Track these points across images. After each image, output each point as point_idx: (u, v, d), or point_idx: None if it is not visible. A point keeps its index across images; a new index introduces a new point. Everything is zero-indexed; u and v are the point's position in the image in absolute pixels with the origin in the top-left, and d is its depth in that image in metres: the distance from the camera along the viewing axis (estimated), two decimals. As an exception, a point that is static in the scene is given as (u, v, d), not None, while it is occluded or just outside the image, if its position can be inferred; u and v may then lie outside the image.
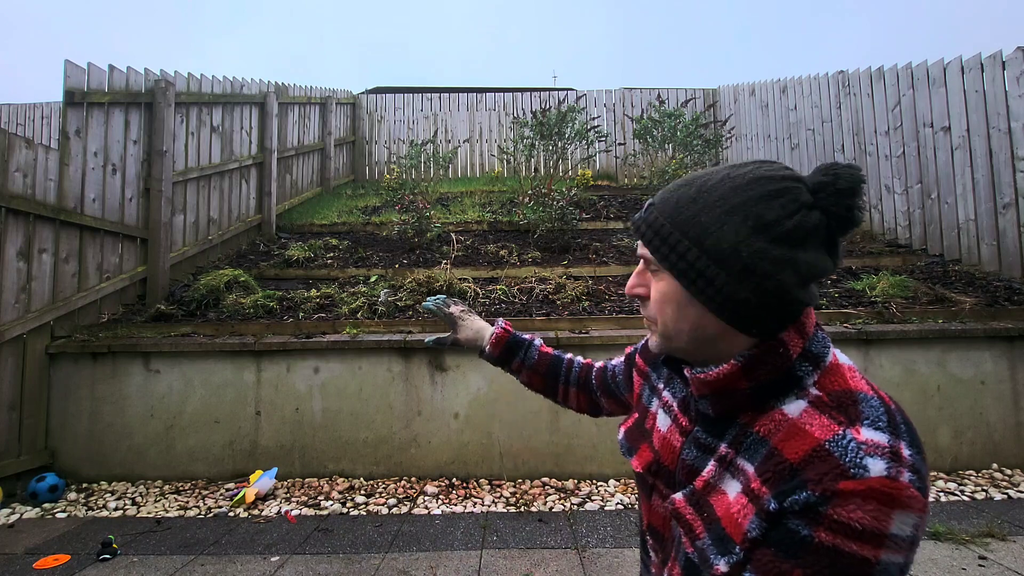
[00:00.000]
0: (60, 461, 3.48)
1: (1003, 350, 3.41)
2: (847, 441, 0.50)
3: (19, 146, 3.41)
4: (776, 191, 0.57)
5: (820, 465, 0.50)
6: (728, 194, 0.59)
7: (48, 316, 3.53)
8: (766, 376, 0.58)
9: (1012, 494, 3.00)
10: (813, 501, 0.48)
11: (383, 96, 9.25)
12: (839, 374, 0.58)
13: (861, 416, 0.52)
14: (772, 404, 0.58)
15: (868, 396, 0.55)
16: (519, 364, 1.12)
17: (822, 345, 0.60)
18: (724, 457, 0.60)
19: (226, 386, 3.52)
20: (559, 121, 6.19)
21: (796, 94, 6.62)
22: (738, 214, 0.57)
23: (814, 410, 0.55)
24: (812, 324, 0.61)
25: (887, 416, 0.52)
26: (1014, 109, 4.10)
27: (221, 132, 5.30)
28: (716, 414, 0.62)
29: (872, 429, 0.51)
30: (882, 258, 4.84)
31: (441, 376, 3.49)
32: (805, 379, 0.58)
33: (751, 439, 0.58)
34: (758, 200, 0.57)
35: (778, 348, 0.58)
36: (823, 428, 0.53)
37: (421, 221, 5.45)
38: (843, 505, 0.47)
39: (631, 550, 2.52)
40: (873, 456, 0.48)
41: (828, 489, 0.48)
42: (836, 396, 0.55)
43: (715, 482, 0.59)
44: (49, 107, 9.44)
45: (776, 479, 0.53)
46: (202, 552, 2.58)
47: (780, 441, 0.55)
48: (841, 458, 0.49)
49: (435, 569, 2.39)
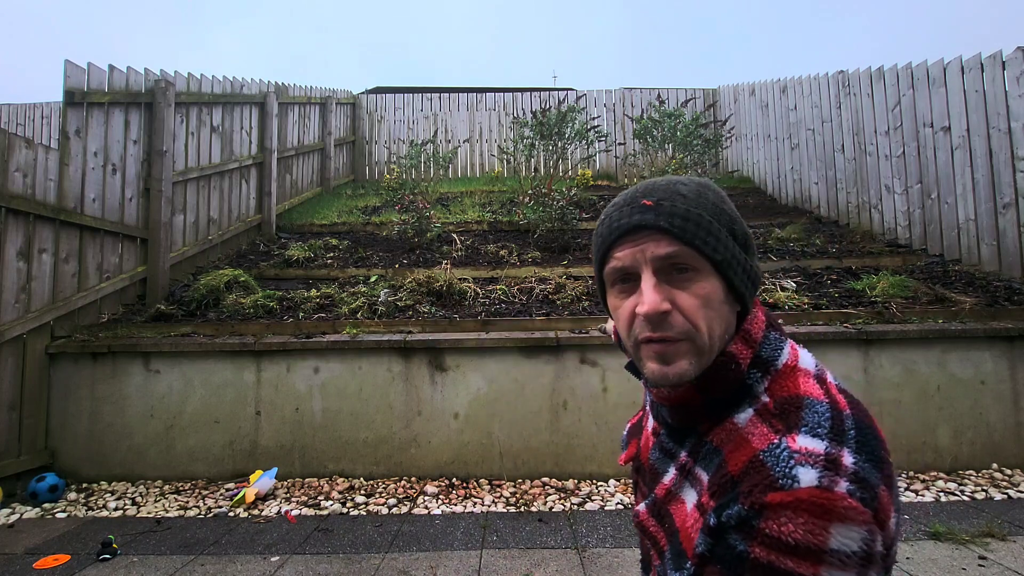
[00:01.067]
0: (60, 461, 3.48)
1: (1003, 350, 3.41)
2: (780, 450, 0.48)
3: (19, 146, 3.41)
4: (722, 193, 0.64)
5: (753, 476, 0.48)
6: (719, 189, 0.63)
7: (48, 316, 3.53)
8: (719, 392, 0.57)
9: (1012, 494, 3.00)
10: (745, 515, 0.46)
11: (383, 96, 9.26)
12: (791, 378, 0.55)
13: (800, 423, 0.50)
14: (727, 413, 0.57)
15: (815, 401, 0.52)
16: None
17: (773, 348, 0.58)
18: (684, 466, 0.59)
19: (226, 386, 3.52)
20: (559, 121, 6.19)
21: (796, 94, 6.61)
22: (732, 206, 0.63)
23: (758, 418, 0.53)
24: (760, 329, 0.59)
25: (831, 422, 0.49)
26: (1014, 109, 4.10)
27: (221, 132, 5.30)
28: (674, 423, 0.62)
29: (808, 436, 0.48)
30: (882, 258, 4.84)
31: (441, 376, 3.49)
32: (755, 387, 0.56)
33: (707, 448, 0.57)
34: (717, 194, 0.63)
35: (729, 364, 0.56)
36: (761, 437, 0.51)
37: (421, 221, 5.45)
38: (774, 519, 0.44)
39: (631, 550, 2.52)
40: (804, 465, 0.45)
41: (757, 502, 0.46)
42: (781, 403, 0.53)
43: (675, 491, 0.58)
44: (49, 107, 9.44)
45: (720, 492, 0.51)
46: (202, 552, 2.58)
47: (729, 452, 0.53)
48: (772, 468, 0.47)
49: (435, 569, 2.39)
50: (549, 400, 3.44)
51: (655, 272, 0.57)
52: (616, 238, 0.60)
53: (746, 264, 0.59)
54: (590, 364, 3.45)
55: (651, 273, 0.57)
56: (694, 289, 0.56)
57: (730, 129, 7.63)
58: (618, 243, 0.60)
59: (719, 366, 0.56)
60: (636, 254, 0.58)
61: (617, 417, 3.40)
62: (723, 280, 0.57)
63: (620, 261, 0.59)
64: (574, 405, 3.43)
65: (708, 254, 0.56)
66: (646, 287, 0.57)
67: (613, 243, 0.60)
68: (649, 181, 0.62)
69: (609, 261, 0.61)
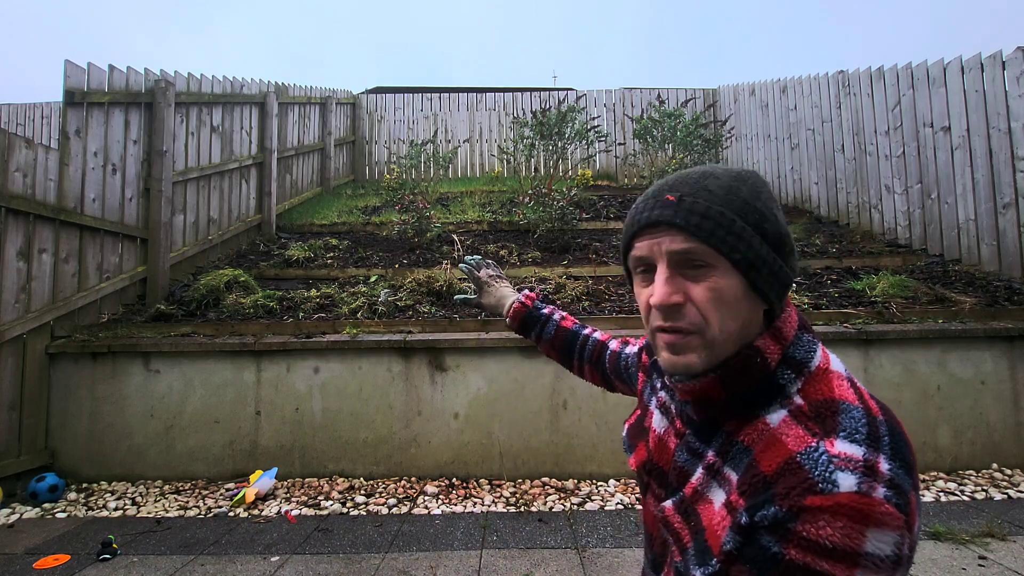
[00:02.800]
0: (60, 461, 3.48)
1: (1003, 350, 3.41)
2: (819, 454, 0.48)
3: (19, 146, 3.41)
4: (761, 184, 0.62)
5: (790, 478, 0.48)
6: (757, 183, 0.61)
7: (48, 316, 3.53)
8: (744, 386, 0.57)
9: (1012, 494, 3.00)
10: (781, 517, 0.47)
11: (383, 96, 9.25)
12: (825, 381, 0.56)
13: (838, 427, 0.50)
14: (757, 413, 0.57)
15: (850, 406, 0.52)
16: (536, 337, 1.13)
17: (806, 350, 0.58)
18: (712, 465, 0.59)
19: (226, 386, 3.52)
20: (559, 121, 6.19)
21: (796, 94, 6.61)
22: (773, 201, 0.60)
23: (792, 420, 0.54)
24: (792, 328, 0.59)
25: (868, 428, 0.50)
26: (1014, 109, 4.10)
27: (221, 132, 5.30)
28: (700, 420, 0.62)
29: (847, 441, 0.49)
30: (882, 258, 4.84)
31: (441, 376, 3.49)
32: (788, 387, 0.56)
33: (737, 448, 0.56)
34: (770, 192, 0.61)
35: (754, 357, 0.57)
36: (797, 439, 0.51)
37: (421, 221, 5.45)
38: (812, 522, 0.45)
39: (631, 550, 2.52)
40: (844, 470, 0.46)
41: (795, 504, 0.46)
42: (816, 406, 0.53)
43: (703, 490, 0.58)
44: (49, 107, 9.44)
45: (751, 492, 0.51)
46: (202, 552, 2.58)
47: (760, 452, 0.53)
48: (811, 472, 0.47)
49: (435, 569, 2.39)
50: (549, 400, 3.44)
51: (669, 265, 0.58)
52: (637, 230, 0.62)
53: (773, 264, 0.58)
54: (590, 364, 3.45)
55: (665, 266, 0.59)
56: (708, 284, 0.57)
57: (730, 129, 7.64)
58: (639, 234, 0.62)
59: (744, 359, 0.57)
60: (653, 246, 0.60)
61: (617, 417, 3.40)
62: (743, 278, 0.57)
63: (640, 251, 0.62)
64: (574, 405, 3.43)
65: (726, 252, 0.56)
66: (659, 279, 0.59)
67: (635, 234, 0.62)
68: (682, 173, 0.63)
69: (631, 250, 0.64)
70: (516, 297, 1.16)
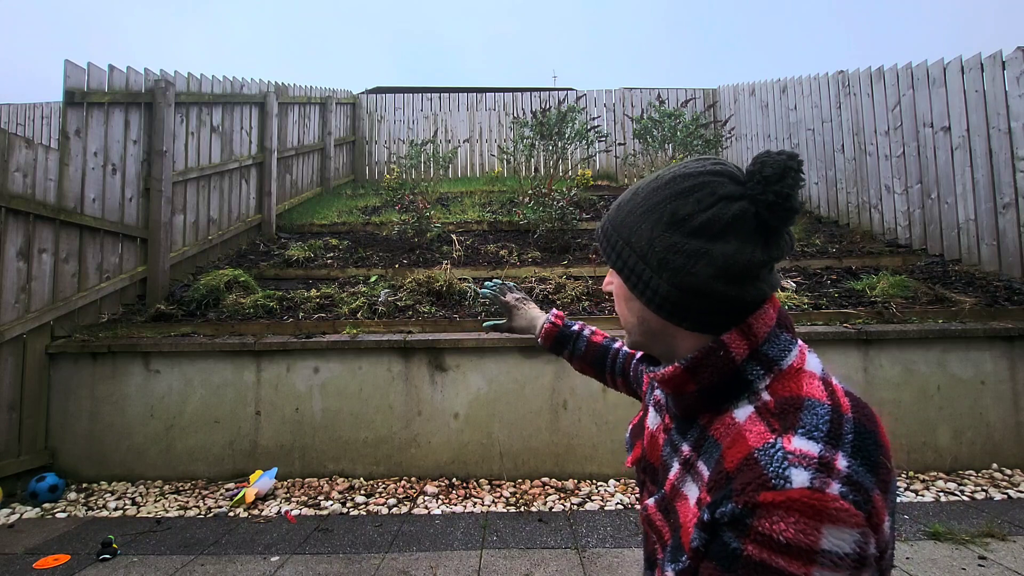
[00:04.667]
0: (60, 461, 3.48)
1: (1003, 350, 3.41)
2: (775, 450, 0.48)
3: (19, 146, 3.41)
4: (691, 187, 0.59)
5: (746, 474, 0.48)
6: (650, 194, 0.62)
7: (48, 316, 3.53)
8: (710, 379, 0.58)
9: (1012, 494, 3.00)
10: (739, 513, 0.47)
11: (383, 96, 9.25)
12: (795, 379, 0.56)
13: (797, 424, 0.50)
14: (726, 407, 0.57)
15: (816, 402, 0.52)
16: (569, 355, 1.17)
17: (781, 348, 0.58)
18: (687, 460, 0.59)
19: (226, 386, 3.52)
20: (559, 121, 6.19)
21: (796, 94, 6.62)
22: (655, 211, 0.61)
23: (756, 416, 0.54)
24: (766, 325, 0.59)
25: (829, 425, 0.50)
26: (1014, 109, 4.10)
27: (221, 132, 5.30)
28: (679, 413, 0.63)
29: (804, 438, 0.49)
30: (882, 258, 4.84)
31: (441, 376, 3.49)
32: (756, 383, 0.56)
33: (708, 442, 0.57)
34: (673, 197, 0.60)
35: (718, 351, 0.57)
36: (758, 436, 0.51)
37: (421, 221, 5.45)
38: (767, 517, 0.45)
39: (631, 550, 2.52)
40: (797, 466, 0.46)
41: (750, 500, 0.46)
42: (781, 402, 0.53)
43: (679, 486, 0.59)
44: (49, 107, 9.44)
45: (715, 487, 0.51)
46: (202, 552, 2.58)
47: (726, 448, 0.54)
48: (766, 468, 0.47)
49: (435, 569, 2.39)
50: (549, 400, 3.44)
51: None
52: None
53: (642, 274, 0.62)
54: (590, 364, 3.45)
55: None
56: (612, 283, 0.69)
57: (730, 129, 7.63)
58: None
59: (708, 351, 0.58)
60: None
61: (617, 417, 3.40)
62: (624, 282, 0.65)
63: None
64: (574, 405, 3.43)
65: (606, 261, 0.68)
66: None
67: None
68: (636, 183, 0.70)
69: None
70: (546, 317, 1.19)
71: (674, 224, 0.59)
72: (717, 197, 0.58)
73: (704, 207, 0.58)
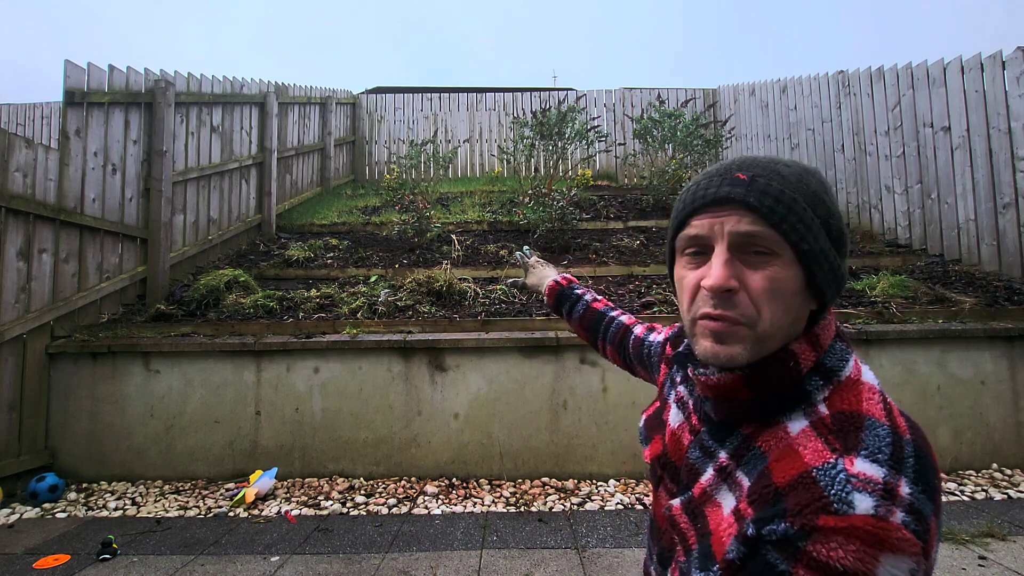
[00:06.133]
0: (60, 461, 3.48)
1: (1003, 350, 3.41)
2: (837, 471, 0.46)
3: (19, 146, 3.41)
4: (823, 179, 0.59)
5: (803, 494, 0.46)
6: (824, 179, 0.59)
7: (48, 316, 3.52)
8: (772, 389, 0.55)
9: (1012, 494, 3.00)
10: (792, 534, 0.44)
11: (383, 96, 9.26)
12: (854, 393, 0.53)
13: (860, 445, 0.48)
14: (778, 419, 0.54)
15: (876, 422, 0.50)
16: (567, 314, 1.19)
17: (839, 358, 0.56)
18: (724, 468, 0.57)
19: (226, 386, 3.52)
20: (559, 121, 6.19)
21: (796, 94, 6.62)
22: (835, 200, 0.58)
23: (812, 431, 0.51)
24: (829, 336, 0.57)
25: (891, 448, 0.47)
26: (1014, 109, 4.10)
27: (221, 132, 5.30)
28: (718, 419, 0.60)
29: (868, 461, 0.46)
30: (882, 258, 4.84)
31: (441, 376, 3.49)
32: (814, 394, 0.54)
33: (753, 453, 0.54)
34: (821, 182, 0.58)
35: (788, 361, 0.54)
36: (815, 453, 0.49)
37: (421, 221, 5.45)
38: (824, 542, 0.43)
39: (631, 550, 2.52)
40: (862, 492, 0.44)
41: (808, 523, 0.44)
42: (840, 418, 0.51)
43: (712, 492, 0.57)
44: (49, 107, 9.44)
45: (761, 502, 0.49)
46: (202, 552, 2.58)
47: (774, 460, 0.51)
48: (826, 489, 0.45)
49: (435, 569, 2.39)
50: (549, 400, 3.44)
51: (729, 247, 0.55)
52: (699, 206, 0.57)
53: (834, 261, 0.56)
54: (590, 364, 3.45)
55: (725, 248, 0.55)
56: (768, 273, 0.54)
57: (730, 129, 7.63)
58: (700, 212, 0.58)
59: (777, 361, 0.54)
60: (715, 225, 0.56)
61: (617, 417, 3.40)
62: (804, 272, 0.55)
63: (696, 229, 0.58)
64: (574, 405, 3.43)
65: (794, 241, 0.53)
66: (716, 261, 0.55)
67: (695, 211, 0.58)
68: (749, 156, 0.60)
69: (685, 227, 0.59)
70: (554, 276, 1.24)
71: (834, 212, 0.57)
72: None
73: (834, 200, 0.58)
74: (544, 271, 1.29)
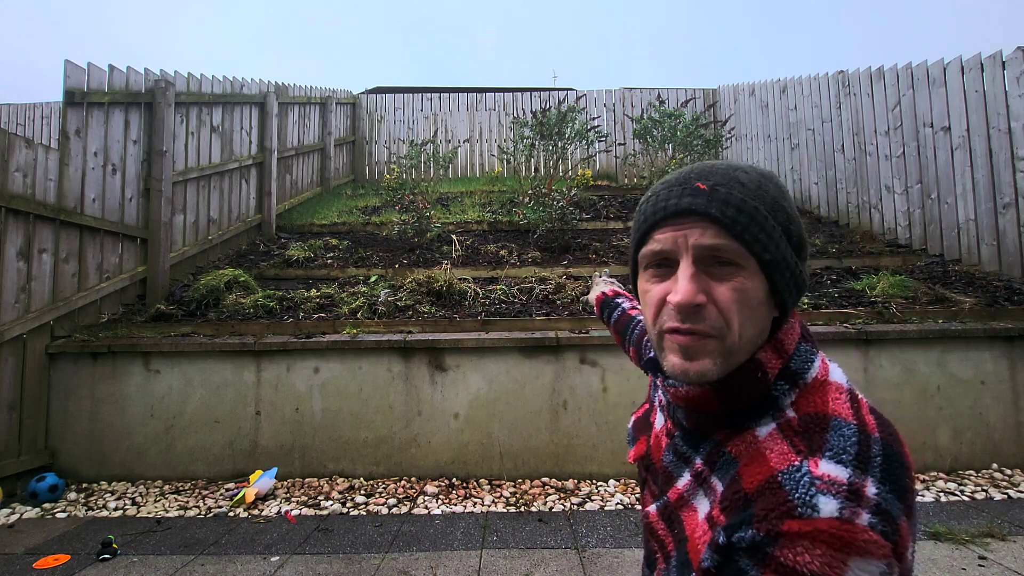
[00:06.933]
0: (60, 461, 3.48)
1: (1003, 350, 3.41)
2: (801, 474, 0.45)
3: (19, 146, 3.41)
4: (781, 185, 0.59)
5: (769, 499, 0.46)
6: (781, 184, 0.58)
7: (48, 316, 3.53)
8: (741, 402, 0.54)
9: (1012, 494, 3.00)
10: (759, 540, 0.44)
11: (383, 96, 9.26)
12: (820, 394, 0.52)
13: (824, 446, 0.47)
14: (747, 423, 0.54)
15: (842, 422, 0.49)
16: (607, 322, 1.25)
17: (803, 360, 0.55)
18: (700, 473, 0.56)
19: (226, 386, 3.52)
20: (559, 121, 6.19)
21: (796, 94, 6.61)
22: (793, 204, 0.57)
23: (779, 434, 0.51)
24: (793, 340, 0.56)
25: (857, 447, 0.47)
26: (1014, 109, 4.10)
27: (221, 132, 5.30)
28: (690, 427, 0.59)
29: (832, 462, 0.46)
30: (882, 258, 4.84)
31: (441, 376, 3.49)
32: (781, 399, 0.53)
33: (724, 458, 0.54)
34: (778, 187, 0.58)
35: (755, 371, 0.53)
36: (781, 456, 0.48)
37: (421, 221, 5.45)
38: (790, 547, 0.42)
39: (631, 550, 2.52)
40: (827, 494, 0.43)
41: (773, 528, 0.43)
42: (806, 420, 0.50)
43: (688, 497, 0.57)
44: (49, 107, 9.44)
45: (732, 508, 0.49)
46: (202, 552, 2.58)
47: (744, 465, 0.51)
48: (791, 493, 0.44)
49: (435, 569, 2.39)
50: (549, 400, 3.44)
51: (695, 261, 0.54)
52: (660, 218, 0.56)
53: (795, 268, 0.55)
54: (590, 364, 3.45)
55: (690, 262, 0.54)
56: (734, 285, 0.53)
57: (730, 129, 7.64)
58: (661, 225, 0.56)
59: (745, 372, 0.54)
60: (678, 239, 0.54)
61: (617, 417, 3.40)
62: (767, 281, 0.54)
63: (659, 244, 0.56)
64: (574, 405, 3.43)
65: (756, 252, 0.53)
66: (682, 276, 0.54)
67: (656, 223, 0.57)
68: (707, 163, 0.58)
69: (647, 242, 0.58)
70: (602, 288, 1.32)
71: (794, 217, 0.56)
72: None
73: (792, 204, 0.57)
74: (601, 286, 1.35)
